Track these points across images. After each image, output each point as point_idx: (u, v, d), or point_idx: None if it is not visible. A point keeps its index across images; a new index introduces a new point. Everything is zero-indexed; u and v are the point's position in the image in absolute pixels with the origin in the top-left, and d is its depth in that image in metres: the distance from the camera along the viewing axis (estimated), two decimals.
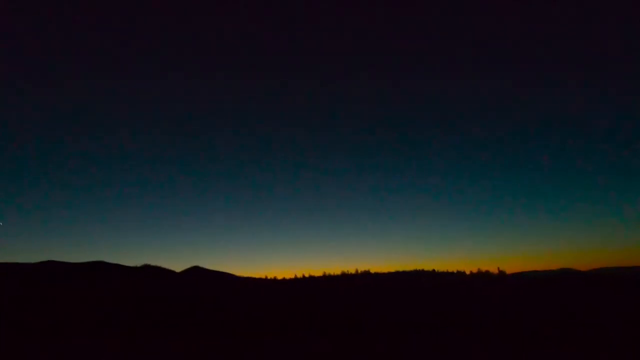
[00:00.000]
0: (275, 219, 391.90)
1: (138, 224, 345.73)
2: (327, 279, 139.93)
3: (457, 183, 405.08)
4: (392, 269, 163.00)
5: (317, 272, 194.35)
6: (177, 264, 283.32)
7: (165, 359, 16.94)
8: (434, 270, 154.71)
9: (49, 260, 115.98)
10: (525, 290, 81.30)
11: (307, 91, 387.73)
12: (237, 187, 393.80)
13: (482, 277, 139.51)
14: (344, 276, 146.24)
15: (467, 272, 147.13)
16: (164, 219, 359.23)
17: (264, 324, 35.22)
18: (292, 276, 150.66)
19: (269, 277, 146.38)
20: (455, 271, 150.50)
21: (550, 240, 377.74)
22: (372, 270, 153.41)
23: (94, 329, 30.83)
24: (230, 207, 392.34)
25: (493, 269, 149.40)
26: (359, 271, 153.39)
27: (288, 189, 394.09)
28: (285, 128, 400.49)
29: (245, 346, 20.77)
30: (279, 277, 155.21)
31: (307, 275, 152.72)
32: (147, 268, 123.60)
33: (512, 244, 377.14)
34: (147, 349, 19.75)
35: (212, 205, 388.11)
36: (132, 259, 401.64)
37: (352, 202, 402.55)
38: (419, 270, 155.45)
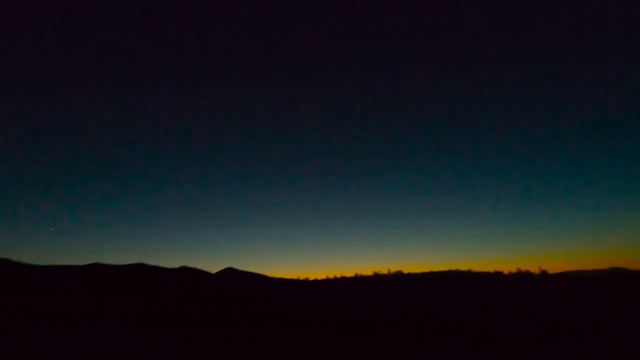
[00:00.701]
0: (308, 220, 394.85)
1: (176, 226, 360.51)
2: (358, 279, 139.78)
3: (494, 182, 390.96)
4: (427, 269, 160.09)
5: (349, 272, 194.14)
6: (213, 266, 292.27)
7: (211, 346, 18.02)
8: (469, 270, 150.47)
9: (95, 263, 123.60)
10: (569, 292, 77.37)
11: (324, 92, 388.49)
12: (271, 190, 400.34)
13: (521, 277, 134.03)
14: (376, 276, 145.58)
15: (506, 272, 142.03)
16: (200, 222, 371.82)
17: (290, 322, 36.03)
18: (324, 277, 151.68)
19: (300, 278, 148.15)
20: (493, 271, 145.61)
21: (599, 238, 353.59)
22: (405, 271, 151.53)
23: (146, 323, 32.91)
24: (263, 210, 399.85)
25: (534, 269, 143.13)
26: (391, 271, 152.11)
27: (321, 190, 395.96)
28: (311, 126, 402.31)
29: (273, 339, 21.59)
30: (311, 277, 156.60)
31: (339, 276, 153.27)
32: (184, 269, 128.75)
33: (555, 242, 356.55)
34: (200, 338, 21.00)
35: (245, 208, 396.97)
36: (169, 260, 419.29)
37: (386, 202, 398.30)
38: (454, 270, 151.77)
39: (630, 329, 29.83)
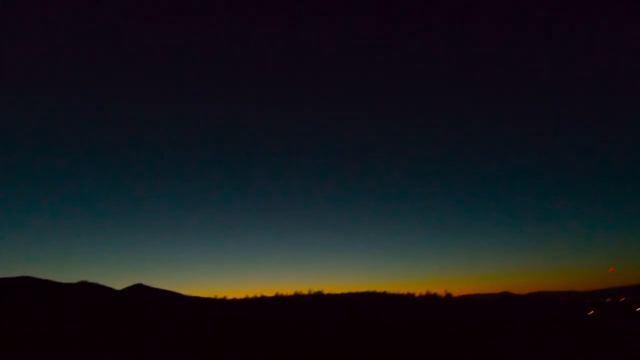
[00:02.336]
0: (229, 237, 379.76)
1: (74, 236, 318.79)
2: (278, 299, 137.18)
3: (407, 213, 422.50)
4: (345, 290, 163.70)
5: (270, 292, 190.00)
6: (119, 282, 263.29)
7: None
8: (385, 292, 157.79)
9: None
10: (468, 312, 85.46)
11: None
12: (191, 203, 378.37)
13: (429, 298, 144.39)
14: (297, 297, 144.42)
15: (417, 295, 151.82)
16: (105, 233, 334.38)
17: (204, 347, 33.78)
18: (244, 296, 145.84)
19: (218, 297, 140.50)
20: (405, 293, 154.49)
21: (494, 264, 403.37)
22: (326, 292, 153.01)
23: (34, 348, 27.81)
24: (182, 223, 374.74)
25: (440, 291, 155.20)
26: (312, 291, 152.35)
27: (243, 208, 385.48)
28: (222, 143, 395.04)
29: None
30: (229, 296, 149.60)
31: (259, 295, 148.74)
32: (84, 285, 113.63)
33: (459, 267, 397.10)
34: None
35: (160, 220, 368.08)
36: (66, 274, 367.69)
37: (310, 224, 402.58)
38: (371, 292, 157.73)
39: (516, 342, 34.10)
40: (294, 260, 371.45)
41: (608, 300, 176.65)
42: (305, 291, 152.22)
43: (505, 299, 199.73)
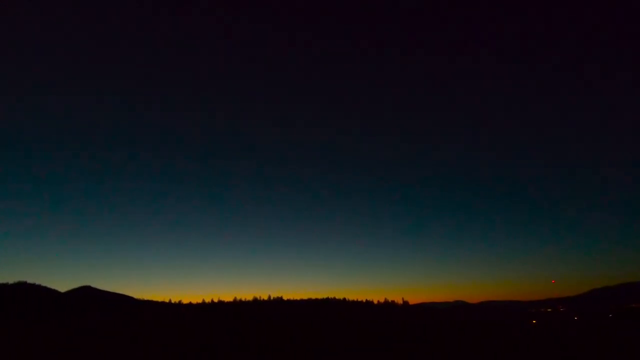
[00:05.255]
0: (187, 241, 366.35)
1: (14, 237, 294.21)
2: (237, 304, 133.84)
3: (367, 220, 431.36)
4: (305, 296, 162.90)
5: (228, 297, 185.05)
6: (64, 283, 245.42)
7: None
8: (344, 298, 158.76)
9: None
10: (423, 318, 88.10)
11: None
12: (149, 203, 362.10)
13: (388, 306, 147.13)
14: (256, 302, 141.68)
15: (375, 302, 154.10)
16: (49, 234, 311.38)
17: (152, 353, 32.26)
18: (200, 301, 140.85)
19: (173, 301, 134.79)
20: (364, 300, 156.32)
21: (449, 275, 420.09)
22: (285, 297, 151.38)
23: None
24: (136, 226, 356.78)
25: (398, 299, 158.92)
26: (272, 297, 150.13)
27: (202, 213, 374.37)
28: (180, 148, 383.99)
29: None
30: (185, 301, 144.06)
31: (216, 300, 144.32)
32: (23, 286, 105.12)
33: (416, 277, 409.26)
34: None
35: (116, 221, 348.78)
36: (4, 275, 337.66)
37: (271, 230, 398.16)
38: (331, 298, 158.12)
39: (466, 344, 35.75)
40: (254, 267, 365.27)
41: (549, 309, 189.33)
42: (264, 297, 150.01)
43: (458, 307, 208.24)
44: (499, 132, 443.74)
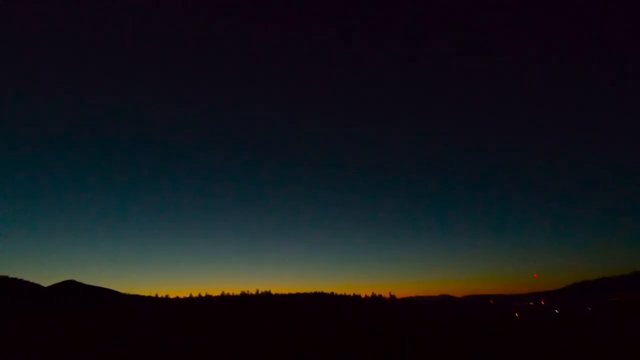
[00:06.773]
0: (174, 235, 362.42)
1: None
2: (225, 299, 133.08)
3: (357, 216, 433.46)
4: (293, 291, 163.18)
5: (216, 291, 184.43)
6: (48, 278, 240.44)
7: None
8: (332, 293, 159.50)
9: None
10: (409, 311, 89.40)
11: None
12: (136, 197, 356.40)
13: (375, 300, 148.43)
14: (244, 297, 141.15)
15: (363, 296, 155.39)
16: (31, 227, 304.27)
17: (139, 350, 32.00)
18: (187, 295, 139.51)
19: (160, 296, 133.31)
20: (352, 294, 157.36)
21: (435, 269, 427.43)
22: (273, 292, 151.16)
23: None
24: (122, 221, 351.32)
25: (385, 294, 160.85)
26: (260, 292, 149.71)
27: (190, 207, 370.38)
28: (166, 144, 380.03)
29: None
30: (172, 295, 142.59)
31: (203, 294, 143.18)
32: (3, 280, 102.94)
33: (403, 272, 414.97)
34: None
35: (101, 215, 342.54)
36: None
37: (261, 224, 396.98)
38: (319, 292, 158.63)
39: (451, 337, 36.46)
40: (242, 262, 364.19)
41: (531, 303, 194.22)
42: (252, 291, 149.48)
43: (444, 300, 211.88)
44: (480, 131, 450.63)
